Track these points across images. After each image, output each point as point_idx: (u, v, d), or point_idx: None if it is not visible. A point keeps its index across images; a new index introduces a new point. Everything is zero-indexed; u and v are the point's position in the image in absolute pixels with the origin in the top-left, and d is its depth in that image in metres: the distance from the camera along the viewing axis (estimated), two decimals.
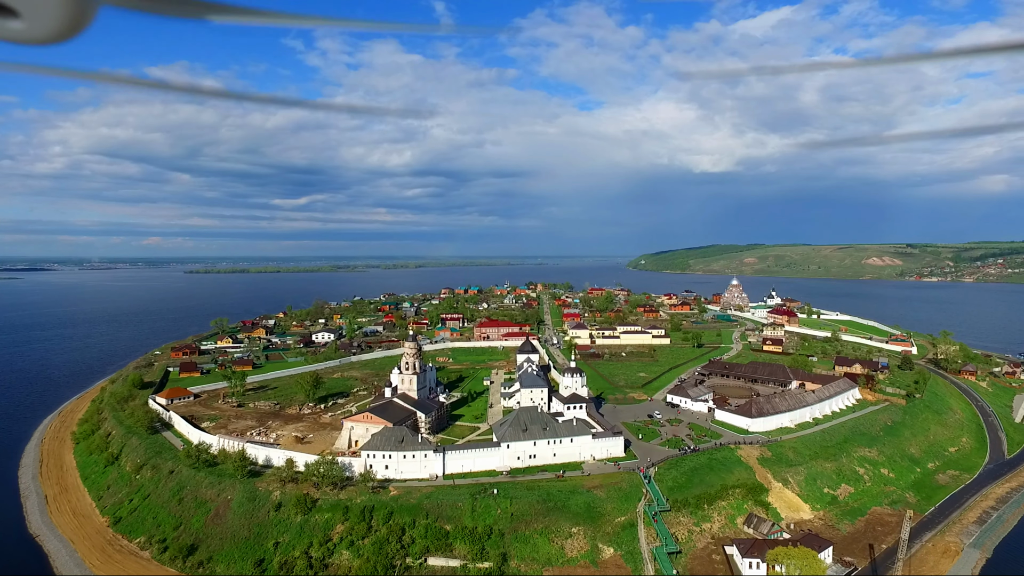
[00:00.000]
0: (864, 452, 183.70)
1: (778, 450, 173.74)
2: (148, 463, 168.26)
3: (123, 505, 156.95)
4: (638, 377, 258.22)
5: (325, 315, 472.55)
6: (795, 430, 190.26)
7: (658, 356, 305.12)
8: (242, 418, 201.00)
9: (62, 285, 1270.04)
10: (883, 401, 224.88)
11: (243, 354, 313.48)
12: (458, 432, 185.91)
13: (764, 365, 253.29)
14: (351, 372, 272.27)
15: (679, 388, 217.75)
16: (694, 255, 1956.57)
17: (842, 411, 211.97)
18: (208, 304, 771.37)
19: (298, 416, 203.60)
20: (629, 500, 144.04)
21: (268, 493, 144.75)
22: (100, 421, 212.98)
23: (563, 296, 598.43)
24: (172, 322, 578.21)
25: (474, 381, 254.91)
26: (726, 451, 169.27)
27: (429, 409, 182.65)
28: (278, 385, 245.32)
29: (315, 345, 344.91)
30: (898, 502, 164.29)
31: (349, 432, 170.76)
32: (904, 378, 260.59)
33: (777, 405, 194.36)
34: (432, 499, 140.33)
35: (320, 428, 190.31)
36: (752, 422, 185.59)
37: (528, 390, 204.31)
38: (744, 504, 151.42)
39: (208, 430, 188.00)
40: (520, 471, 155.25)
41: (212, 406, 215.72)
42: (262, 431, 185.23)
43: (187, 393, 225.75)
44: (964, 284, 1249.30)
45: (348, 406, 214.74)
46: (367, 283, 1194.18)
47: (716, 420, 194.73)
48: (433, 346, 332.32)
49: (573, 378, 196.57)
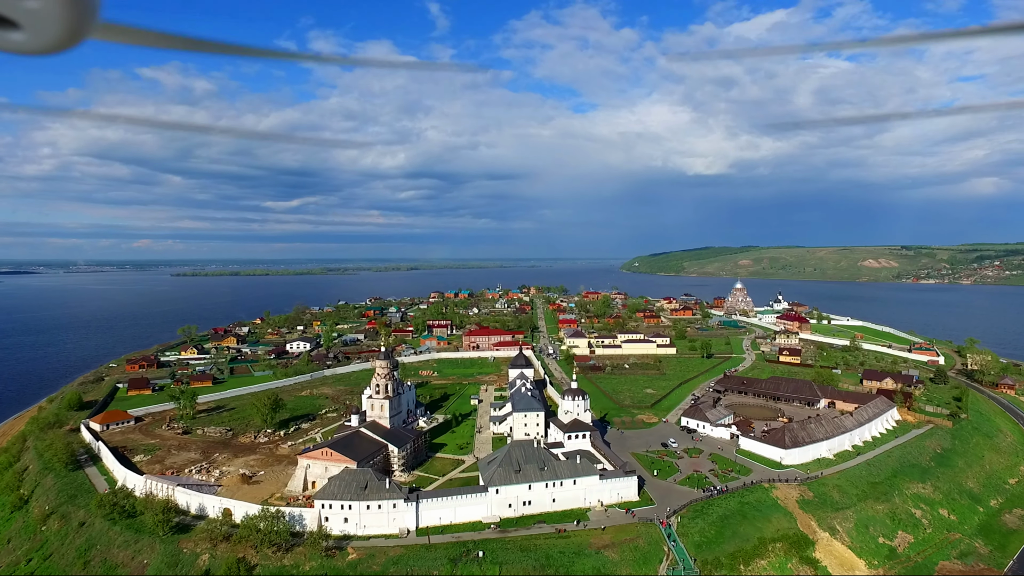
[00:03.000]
0: (918, 488, 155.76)
1: (820, 489, 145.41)
2: (58, 510, 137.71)
3: (19, 568, 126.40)
4: (645, 394, 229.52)
5: (304, 321, 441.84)
6: (835, 462, 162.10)
7: (665, 368, 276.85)
8: (185, 449, 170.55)
9: (42, 289, 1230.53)
10: (925, 423, 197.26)
11: (205, 367, 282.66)
12: (438, 467, 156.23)
13: (787, 381, 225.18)
14: (322, 389, 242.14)
15: (695, 409, 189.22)
16: (688, 257, 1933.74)
17: (883, 436, 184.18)
18: (187, 309, 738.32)
19: (252, 446, 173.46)
20: (648, 563, 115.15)
21: (195, 556, 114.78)
22: (22, 451, 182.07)
23: (558, 300, 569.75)
24: (145, 328, 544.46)
25: (460, 400, 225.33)
26: (759, 492, 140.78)
27: (403, 441, 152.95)
28: (236, 405, 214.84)
29: (287, 356, 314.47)
30: (968, 555, 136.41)
31: (305, 472, 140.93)
32: (941, 394, 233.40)
33: (813, 432, 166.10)
34: (401, 565, 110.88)
35: (275, 462, 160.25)
36: (786, 454, 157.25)
37: (522, 414, 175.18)
38: (788, 563, 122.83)
39: (140, 465, 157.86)
40: (512, 522, 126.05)
41: (153, 433, 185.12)
42: (204, 467, 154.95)
43: (126, 417, 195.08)
44: (962, 286, 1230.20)
45: (313, 432, 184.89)
46: (356, 287, 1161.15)
47: (742, 450, 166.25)
48: (417, 357, 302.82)
49: (575, 401, 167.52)
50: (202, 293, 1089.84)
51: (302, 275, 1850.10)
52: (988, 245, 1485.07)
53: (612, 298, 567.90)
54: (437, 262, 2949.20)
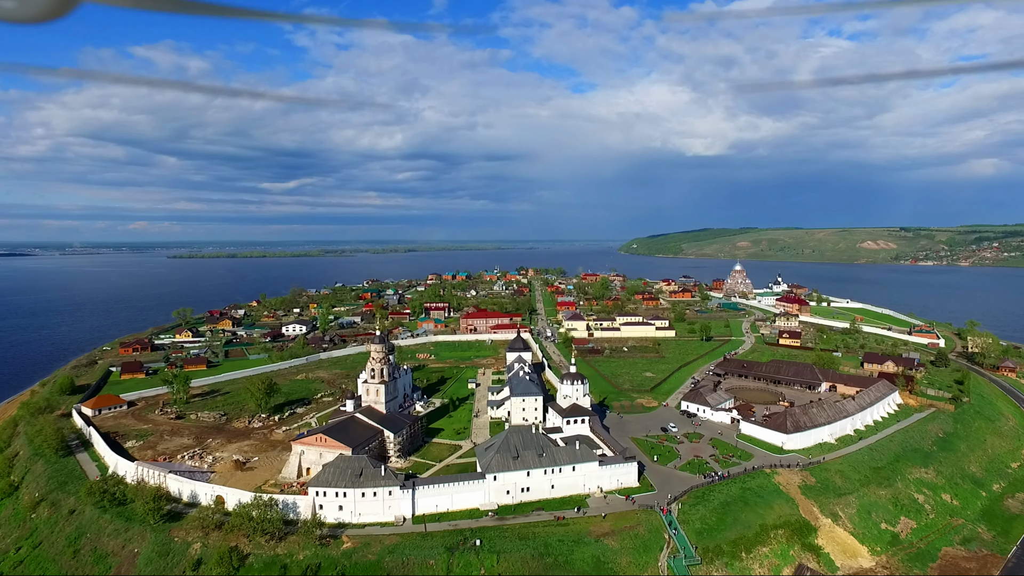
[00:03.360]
0: (920, 473, 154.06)
1: (822, 474, 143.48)
2: (48, 497, 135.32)
3: (8, 556, 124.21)
4: (645, 378, 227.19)
5: (301, 304, 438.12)
6: (836, 446, 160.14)
7: (664, 351, 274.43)
8: (178, 434, 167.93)
9: (38, 271, 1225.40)
10: (927, 407, 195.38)
11: (200, 350, 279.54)
12: (435, 453, 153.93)
13: (788, 364, 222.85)
14: (318, 372, 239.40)
15: (695, 393, 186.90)
16: (687, 239, 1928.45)
17: (884, 420, 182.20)
18: (183, 291, 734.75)
19: (246, 431, 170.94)
20: (648, 551, 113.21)
21: (186, 545, 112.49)
22: (13, 436, 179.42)
23: (556, 282, 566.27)
24: (140, 311, 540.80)
25: (458, 383, 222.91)
26: (761, 477, 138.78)
27: (399, 426, 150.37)
28: (231, 390, 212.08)
29: (283, 339, 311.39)
30: (971, 540, 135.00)
31: (299, 458, 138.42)
32: (942, 377, 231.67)
33: (815, 417, 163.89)
34: (396, 554, 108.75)
35: (270, 448, 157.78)
36: (788, 438, 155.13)
37: (519, 399, 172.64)
38: (790, 549, 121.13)
39: (132, 451, 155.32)
40: (510, 510, 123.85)
41: (146, 418, 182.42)
42: (197, 453, 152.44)
43: (119, 401, 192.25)
44: (961, 268, 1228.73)
45: (308, 417, 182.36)
46: (354, 269, 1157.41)
47: (743, 435, 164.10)
48: (414, 340, 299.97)
49: (573, 386, 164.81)
50: (198, 275, 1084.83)
51: (299, 257, 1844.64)
52: (987, 227, 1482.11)
53: (611, 280, 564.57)
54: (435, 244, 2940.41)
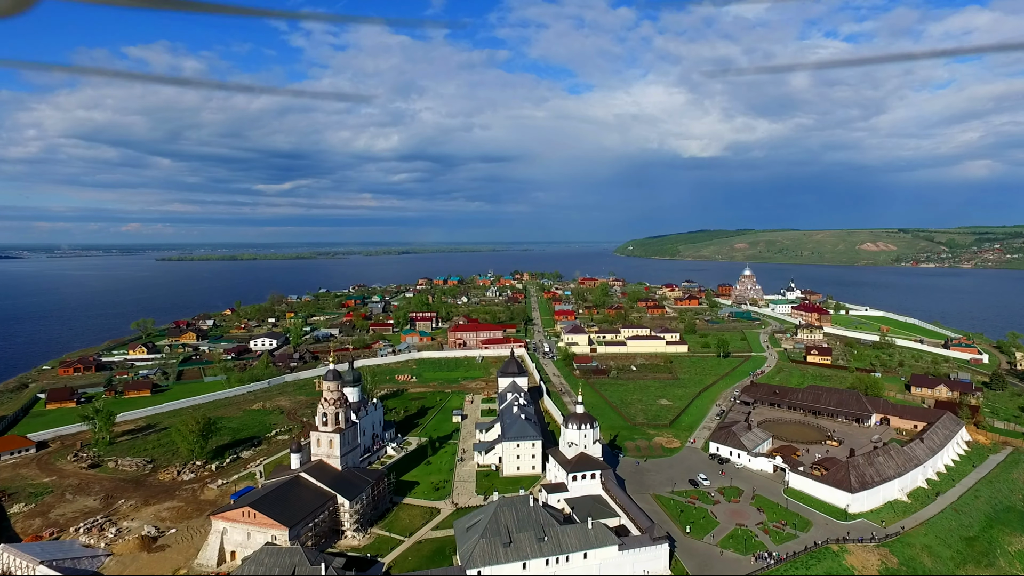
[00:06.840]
0: (1022, 543, 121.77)
1: (905, 551, 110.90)
2: None
3: None
4: (660, 407, 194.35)
5: (277, 313, 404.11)
6: (911, 506, 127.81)
7: (677, 371, 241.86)
8: (84, 491, 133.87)
9: (19, 275, 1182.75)
10: (1001, 444, 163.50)
11: (150, 371, 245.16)
12: (405, 522, 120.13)
13: (829, 391, 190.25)
14: (279, 400, 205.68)
15: (726, 433, 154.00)
16: (683, 241, 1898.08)
17: (957, 465, 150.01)
18: (163, 296, 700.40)
19: (172, 485, 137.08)
20: None
21: None
22: None
23: (552, 288, 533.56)
24: (109, 319, 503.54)
25: (441, 415, 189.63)
26: (828, 558, 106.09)
27: (357, 489, 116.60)
28: (171, 423, 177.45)
29: (249, 356, 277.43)
30: None
31: (220, 538, 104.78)
32: (1003, 402, 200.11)
33: (883, 468, 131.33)
34: None
35: (196, 512, 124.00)
36: (853, 499, 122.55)
37: (513, 443, 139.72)
38: None
39: (16, 520, 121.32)
40: None
41: (53, 466, 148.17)
42: (98, 524, 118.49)
43: (26, 444, 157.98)
44: (963, 270, 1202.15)
45: (253, 465, 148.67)
46: (344, 271, 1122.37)
47: (792, 490, 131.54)
48: (395, 357, 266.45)
49: (581, 431, 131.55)
50: (183, 279, 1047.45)
51: (292, 259, 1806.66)
52: (985, 228, 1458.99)
53: (610, 285, 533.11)
54: (429, 246, 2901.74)
